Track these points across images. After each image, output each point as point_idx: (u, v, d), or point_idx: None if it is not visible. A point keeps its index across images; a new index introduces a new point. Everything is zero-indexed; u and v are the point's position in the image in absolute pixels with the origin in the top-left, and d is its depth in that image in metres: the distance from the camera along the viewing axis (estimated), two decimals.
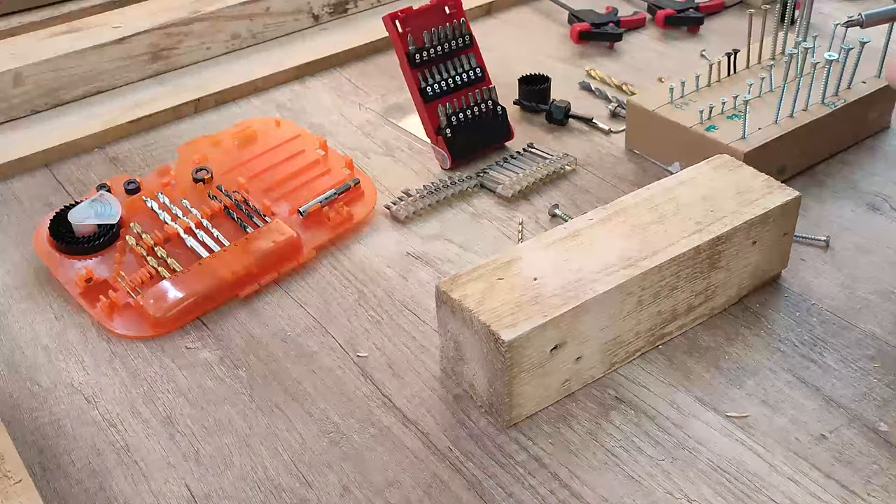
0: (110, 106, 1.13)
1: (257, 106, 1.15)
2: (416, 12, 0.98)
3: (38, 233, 0.91)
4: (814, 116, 0.95)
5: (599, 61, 1.21)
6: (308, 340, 0.80)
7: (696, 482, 0.66)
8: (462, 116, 1.00)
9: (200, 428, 0.72)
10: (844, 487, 0.65)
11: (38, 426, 0.73)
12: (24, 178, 1.03)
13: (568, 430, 0.70)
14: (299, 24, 1.29)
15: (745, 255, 0.78)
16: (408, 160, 1.03)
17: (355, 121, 1.11)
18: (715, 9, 1.31)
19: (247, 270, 0.85)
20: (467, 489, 0.66)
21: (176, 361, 0.78)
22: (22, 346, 0.81)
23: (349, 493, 0.66)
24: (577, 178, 0.99)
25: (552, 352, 0.69)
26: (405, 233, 0.92)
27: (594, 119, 1.07)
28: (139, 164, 1.05)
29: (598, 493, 0.65)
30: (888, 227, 0.90)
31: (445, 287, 0.70)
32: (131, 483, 0.68)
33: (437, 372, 0.76)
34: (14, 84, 1.10)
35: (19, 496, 0.61)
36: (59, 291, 0.86)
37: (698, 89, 1.00)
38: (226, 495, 0.67)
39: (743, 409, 0.71)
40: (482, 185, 0.98)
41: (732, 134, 0.92)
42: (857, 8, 1.30)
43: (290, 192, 0.95)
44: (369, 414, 0.72)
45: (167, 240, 0.89)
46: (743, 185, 0.80)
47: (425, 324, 0.81)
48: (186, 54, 1.21)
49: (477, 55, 1.02)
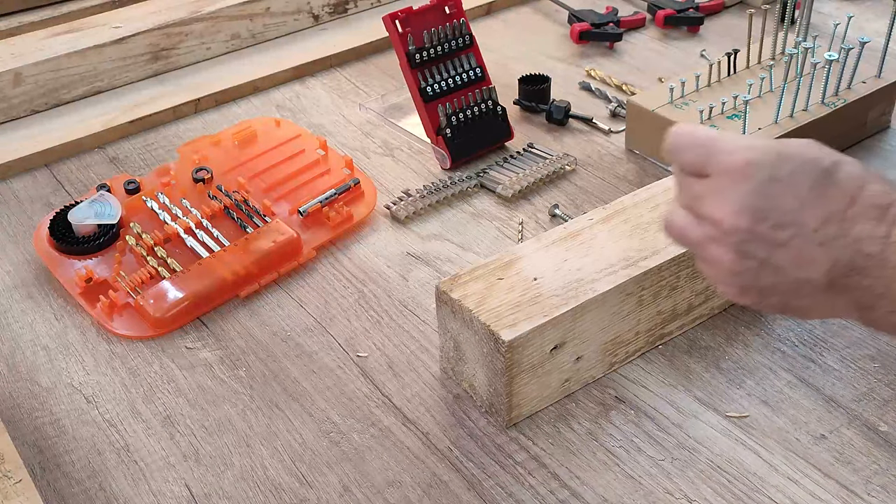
0: (110, 106, 1.13)
1: (257, 106, 1.15)
2: (416, 12, 0.98)
3: (37, 233, 0.91)
4: (814, 116, 0.95)
5: (599, 61, 1.21)
6: (308, 340, 0.80)
7: (696, 482, 0.66)
8: (462, 116, 1.00)
9: (200, 428, 0.72)
10: (844, 487, 0.65)
11: (38, 426, 0.73)
12: (24, 178, 1.03)
13: (568, 430, 0.70)
14: (299, 24, 1.29)
15: None
16: (408, 160, 1.03)
17: (355, 121, 1.11)
18: (715, 9, 1.31)
19: (247, 270, 0.85)
20: (467, 489, 0.66)
21: (176, 361, 0.78)
22: (22, 346, 0.81)
23: (349, 493, 0.66)
24: (577, 178, 0.99)
25: (552, 352, 0.69)
26: (405, 233, 0.92)
27: (594, 119, 1.07)
28: (139, 164, 1.05)
29: (598, 493, 0.65)
30: None
31: (445, 287, 0.70)
32: (131, 483, 0.68)
33: (437, 372, 0.76)
34: (14, 84, 1.10)
35: (19, 496, 0.61)
36: (59, 291, 0.86)
37: (698, 89, 1.00)
38: (226, 495, 0.67)
39: (743, 409, 0.71)
40: (482, 185, 0.98)
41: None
42: (856, 8, 1.31)
43: (290, 192, 0.95)
44: (369, 414, 0.73)
45: (167, 240, 0.89)
46: None
47: (425, 324, 0.81)
48: (186, 54, 1.21)
49: (477, 55, 1.02)
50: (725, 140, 0.54)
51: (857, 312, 0.50)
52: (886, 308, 0.48)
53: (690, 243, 0.57)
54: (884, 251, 0.48)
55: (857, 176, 0.51)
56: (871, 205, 0.50)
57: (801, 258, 0.51)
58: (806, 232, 0.50)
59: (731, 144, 0.53)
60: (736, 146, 0.53)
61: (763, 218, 0.51)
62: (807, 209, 0.50)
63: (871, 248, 0.48)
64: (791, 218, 0.50)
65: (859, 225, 0.49)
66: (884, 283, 0.48)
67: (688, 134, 0.55)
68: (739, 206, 0.51)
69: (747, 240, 0.52)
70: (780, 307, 0.53)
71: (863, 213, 0.49)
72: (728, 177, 0.52)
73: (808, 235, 0.50)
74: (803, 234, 0.50)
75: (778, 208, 0.51)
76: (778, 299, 0.53)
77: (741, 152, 0.52)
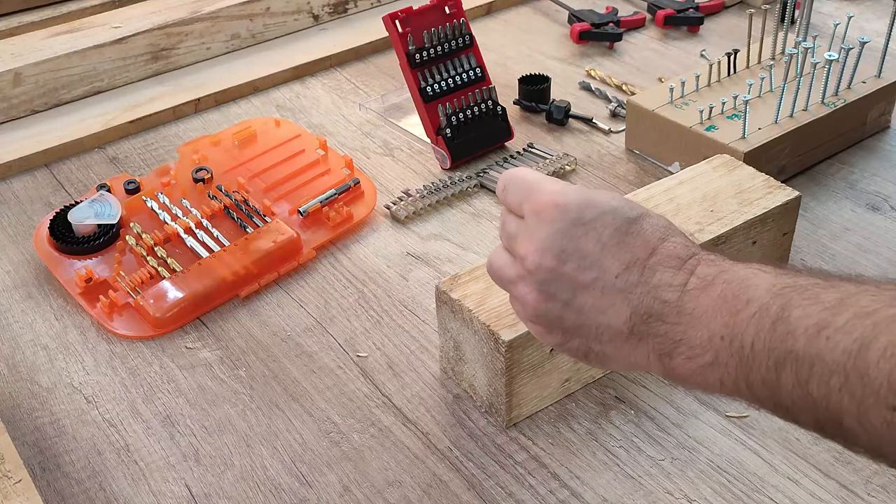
0: (110, 106, 1.13)
1: (257, 106, 1.15)
2: (416, 12, 0.98)
3: (37, 232, 0.91)
4: (814, 116, 0.95)
5: (599, 61, 1.21)
6: (308, 340, 0.80)
7: (696, 482, 0.66)
8: (462, 116, 1.00)
9: (200, 428, 0.72)
10: (844, 487, 0.65)
11: (38, 426, 0.73)
12: (24, 178, 1.03)
13: (568, 430, 0.70)
14: (299, 23, 1.29)
15: (746, 255, 0.78)
16: (408, 160, 1.03)
17: (355, 121, 1.11)
18: (715, 9, 1.31)
19: (247, 270, 0.85)
20: (467, 489, 0.66)
21: (176, 361, 0.78)
22: (22, 346, 0.81)
23: (349, 492, 0.66)
24: (577, 178, 0.99)
25: (552, 352, 0.69)
26: (405, 233, 0.92)
27: (594, 119, 1.07)
28: (139, 164, 1.05)
29: (598, 493, 0.65)
30: (888, 227, 0.90)
31: (445, 287, 0.70)
32: (131, 483, 0.68)
33: (437, 372, 0.76)
34: (14, 84, 1.10)
35: (19, 496, 0.61)
36: (59, 291, 0.86)
37: (698, 89, 1.00)
38: (226, 495, 0.67)
39: (743, 408, 0.71)
40: (482, 185, 0.98)
41: (732, 134, 0.92)
42: (856, 8, 1.31)
43: (290, 192, 0.95)
44: (369, 414, 0.73)
45: (167, 240, 0.89)
46: (743, 185, 0.80)
47: (425, 324, 0.81)
48: (186, 54, 1.21)
49: (477, 55, 1.02)
50: (543, 183, 0.56)
51: (657, 362, 0.51)
52: (684, 354, 0.50)
53: (503, 282, 0.59)
54: (681, 298, 0.50)
55: (660, 227, 0.53)
56: (671, 255, 0.52)
57: (602, 302, 0.53)
58: (608, 277, 0.52)
59: (545, 188, 0.56)
60: (549, 190, 0.55)
61: (566, 259, 0.53)
62: (608, 255, 0.53)
63: (669, 295, 0.50)
64: (592, 261, 0.53)
65: (658, 274, 0.51)
66: (680, 330, 0.50)
67: (514, 176, 0.58)
68: (544, 245, 0.54)
69: (550, 279, 0.54)
70: (584, 352, 0.55)
71: (662, 262, 0.51)
72: (537, 217, 0.55)
73: (610, 280, 0.52)
74: (605, 279, 0.53)
75: (580, 251, 0.53)
76: (581, 342, 0.55)
77: (551, 195, 0.55)
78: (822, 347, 0.43)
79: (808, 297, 0.45)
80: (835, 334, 0.43)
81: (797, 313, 0.45)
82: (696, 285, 0.50)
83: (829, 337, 0.43)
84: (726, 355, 0.48)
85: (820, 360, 0.43)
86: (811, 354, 0.44)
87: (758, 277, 0.48)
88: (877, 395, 0.41)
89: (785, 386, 0.45)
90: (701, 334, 0.49)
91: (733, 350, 0.47)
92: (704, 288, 0.50)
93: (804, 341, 0.44)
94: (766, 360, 0.46)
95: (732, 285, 0.49)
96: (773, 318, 0.46)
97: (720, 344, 0.48)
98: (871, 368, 0.41)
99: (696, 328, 0.49)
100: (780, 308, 0.46)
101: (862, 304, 0.43)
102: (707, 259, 0.51)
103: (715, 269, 0.50)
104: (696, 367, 0.49)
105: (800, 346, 0.44)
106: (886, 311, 0.42)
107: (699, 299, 0.49)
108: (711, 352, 0.48)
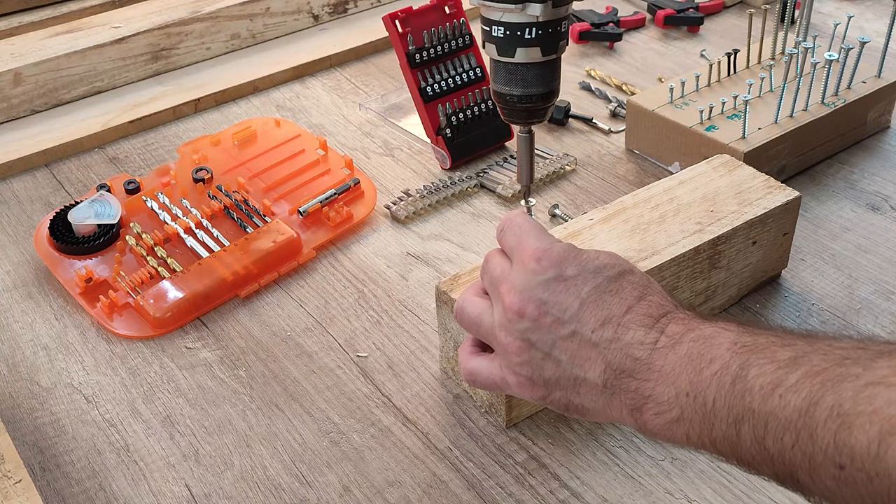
0: (110, 106, 1.13)
1: (257, 106, 1.15)
2: (416, 12, 0.98)
3: (37, 232, 0.90)
4: (814, 116, 0.95)
5: (599, 61, 1.21)
6: (308, 340, 0.80)
7: (696, 482, 0.66)
8: (462, 116, 1.00)
9: (200, 428, 0.72)
10: None
11: (38, 426, 0.73)
12: (24, 178, 1.03)
13: (568, 430, 0.70)
14: (299, 23, 1.29)
15: (746, 255, 0.78)
16: (408, 160, 1.03)
17: (355, 121, 1.11)
18: (715, 9, 1.31)
19: (247, 270, 0.85)
20: (467, 489, 0.66)
21: (176, 361, 0.78)
22: (22, 346, 0.81)
23: (349, 492, 0.66)
24: (577, 178, 0.99)
25: None
26: (405, 233, 0.92)
27: (594, 119, 1.07)
28: (139, 164, 1.05)
29: (598, 493, 0.65)
30: (888, 227, 0.90)
31: (445, 287, 0.70)
32: (131, 483, 0.68)
33: (437, 372, 0.76)
34: (14, 84, 1.10)
35: (19, 496, 0.61)
36: (59, 291, 0.86)
37: (698, 89, 1.00)
38: (226, 495, 0.67)
39: None
40: (482, 185, 0.98)
41: (732, 134, 0.92)
42: (856, 8, 1.31)
43: (290, 192, 0.95)
44: (369, 414, 0.73)
45: (167, 240, 0.89)
46: (743, 185, 0.80)
47: (425, 324, 0.81)
48: (186, 54, 1.21)
49: (477, 55, 1.02)
50: (534, 236, 0.58)
51: (630, 416, 0.53)
52: (653, 410, 0.51)
53: (481, 330, 0.60)
54: (650, 356, 0.52)
55: (640, 286, 0.55)
56: (644, 314, 0.53)
57: (578, 355, 0.54)
58: (585, 331, 0.54)
59: (533, 241, 0.57)
60: (538, 241, 0.57)
61: (546, 311, 0.55)
62: (586, 310, 0.54)
63: (640, 353, 0.52)
64: (571, 315, 0.54)
65: (632, 332, 0.53)
66: (650, 386, 0.51)
67: (512, 221, 0.60)
68: (526, 295, 0.56)
69: (532, 328, 0.55)
70: (565, 404, 0.56)
71: (636, 320, 0.53)
72: (522, 266, 0.57)
73: (587, 335, 0.54)
74: (583, 333, 0.54)
75: (559, 304, 0.55)
76: (561, 395, 0.56)
77: (537, 250, 0.56)
78: (776, 406, 0.45)
79: (765, 356, 0.47)
80: (786, 393, 0.45)
81: (754, 372, 0.47)
82: (665, 344, 0.52)
83: (781, 395, 0.45)
84: (691, 411, 0.49)
85: (774, 417, 0.45)
86: (766, 412, 0.45)
87: (721, 336, 0.50)
88: (825, 453, 0.42)
89: (744, 442, 0.47)
90: (668, 391, 0.50)
91: (697, 406, 0.49)
92: (673, 346, 0.51)
93: (759, 399, 0.46)
94: (726, 416, 0.48)
95: (698, 343, 0.50)
96: (733, 376, 0.48)
97: (685, 400, 0.50)
98: (818, 427, 0.43)
99: (664, 385, 0.51)
100: (738, 367, 0.48)
101: (813, 363, 0.45)
102: (678, 317, 0.53)
103: (683, 327, 0.52)
104: (664, 422, 0.51)
105: (756, 404, 0.46)
106: (834, 371, 0.44)
107: (667, 357, 0.51)
108: (678, 408, 0.50)
